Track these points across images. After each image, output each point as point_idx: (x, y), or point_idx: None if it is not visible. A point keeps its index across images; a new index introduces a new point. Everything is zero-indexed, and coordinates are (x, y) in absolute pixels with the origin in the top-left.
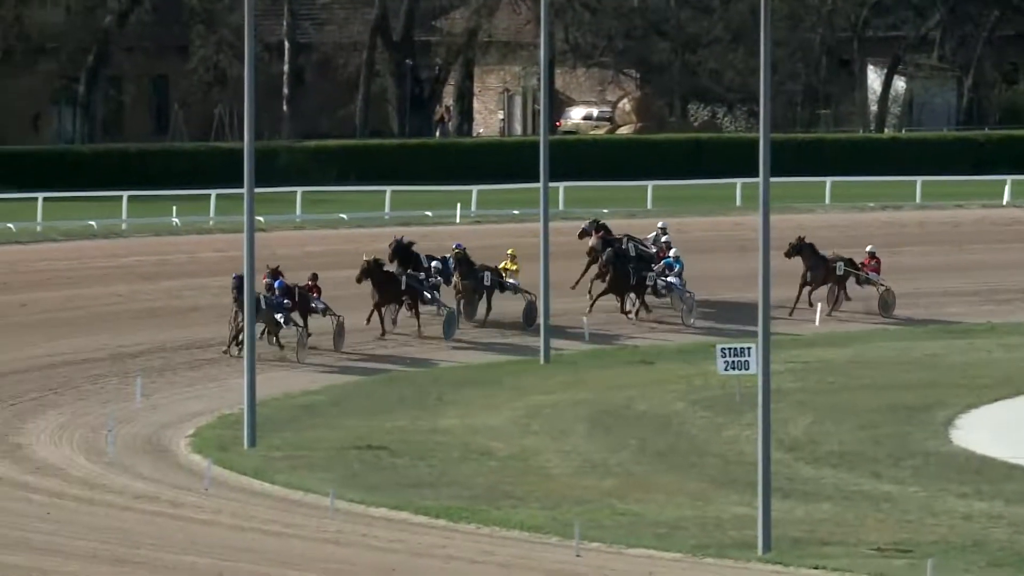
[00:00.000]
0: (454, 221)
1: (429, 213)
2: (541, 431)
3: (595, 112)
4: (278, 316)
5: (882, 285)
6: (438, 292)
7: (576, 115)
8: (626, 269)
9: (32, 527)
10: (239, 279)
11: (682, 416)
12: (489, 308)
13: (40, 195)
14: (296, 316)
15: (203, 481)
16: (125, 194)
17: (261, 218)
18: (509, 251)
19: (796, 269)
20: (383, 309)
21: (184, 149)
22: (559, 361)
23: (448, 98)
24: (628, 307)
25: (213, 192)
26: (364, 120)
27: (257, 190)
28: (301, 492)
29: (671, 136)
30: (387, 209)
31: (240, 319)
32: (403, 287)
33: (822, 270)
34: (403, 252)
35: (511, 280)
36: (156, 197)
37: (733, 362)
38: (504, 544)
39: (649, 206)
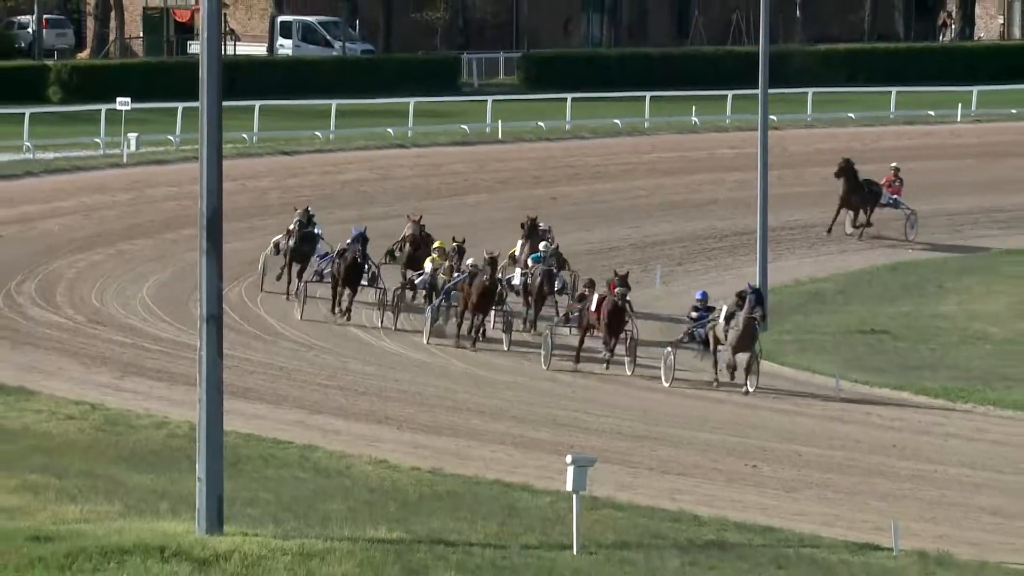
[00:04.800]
0: (955, 120)
1: (931, 112)
2: None
3: None
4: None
5: (905, 207)
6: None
7: None
8: None
9: (558, 405)
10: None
11: None
12: None
13: (568, 96)
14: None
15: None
16: (648, 94)
17: (774, 117)
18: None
19: None
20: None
21: (703, 53)
22: None
23: (951, 4)
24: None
25: (729, 93)
26: (872, 25)
27: (771, 91)
28: (808, 373)
29: None
30: (892, 109)
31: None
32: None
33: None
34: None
35: None
36: (676, 98)
37: None
38: (999, 423)
39: None
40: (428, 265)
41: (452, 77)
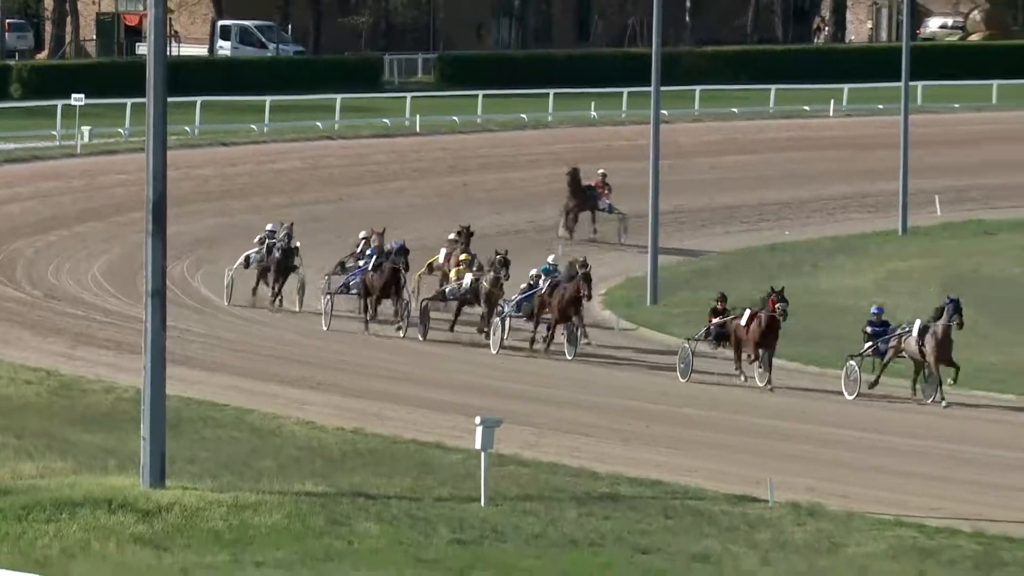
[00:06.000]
0: (828, 115)
1: (807, 108)
2: (898, 292)
3: (949, 21)
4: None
5: (618, 212)
6: None
7: (933, 24)
8: None
9: (478, 373)
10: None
11: (1020, 279)
12: None
13: (480, 92)
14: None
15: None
16: (551, 92)
17: (666, 112)
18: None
19: None
20: None
21: (602, 54)
22: (915, 233)
23: (825, 9)
24: None
25: (625, 90)
26: (754, 28)
27: (663, 88)
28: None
29: (1017, 42)
30: (771, 104)
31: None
32: None
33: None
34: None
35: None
36: (577, 95)
37: None
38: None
39: (994, 101)
40: (468, 277)
41: (375, 76)
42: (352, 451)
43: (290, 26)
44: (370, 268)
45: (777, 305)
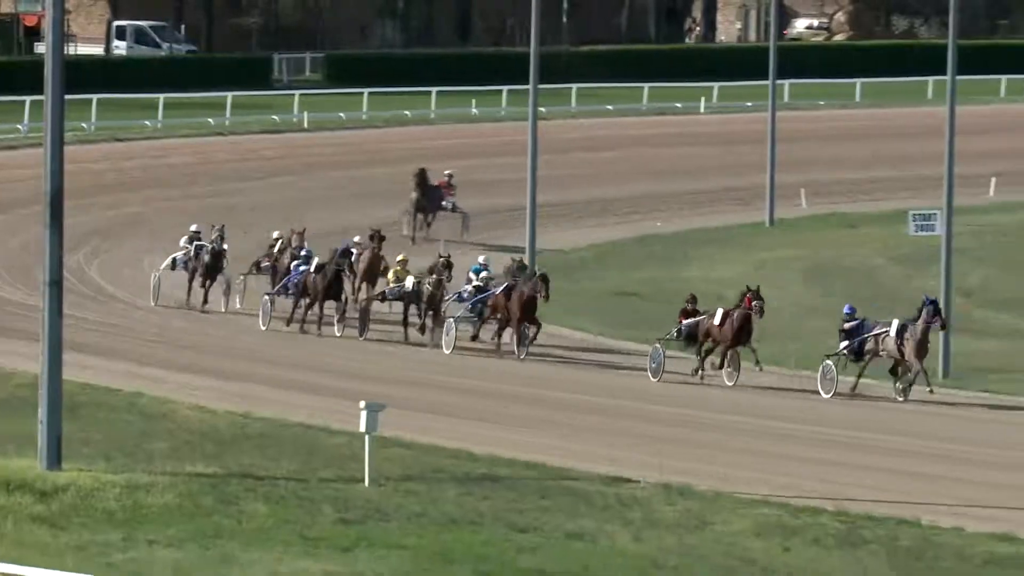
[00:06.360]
0: (699, 111)
1: (679, 105)
2: (766, 281)
3: (815, 22)
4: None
5: (461, 211)
6: None
7: (800, 25)
8: None
9: (357, 359)
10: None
11: (880, 269)
12: None
13: (365, 90)
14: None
15: None
16: (434, 90)
17: (543, 109)
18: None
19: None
20: None
21: (482, 53)
22: (781, 224)
23: (696, 10)
24: None
25: (504, 88)
26: (628, 28)
27: (540, 86)
28: (569, 330)
29: (878, 42)
30: (644, 101)
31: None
32: None
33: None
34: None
35: None
36: (458, 92)
37: (922, 225)
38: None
39: (857, 99)
40: (410, 279)
41: (264, 74)
42: (241, 434)
43: (183, 26)
44: (312, 270)
45: (754, 303)
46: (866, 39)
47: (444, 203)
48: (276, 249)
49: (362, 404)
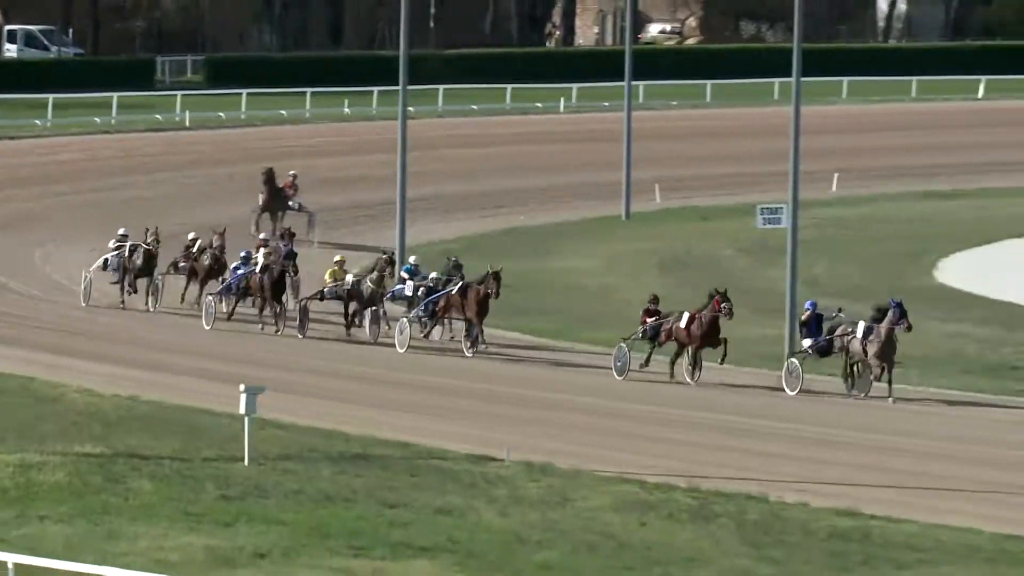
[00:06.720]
0: (559, 111)
1: (540, 105)
2: (622, 271)
3: (668, 27)
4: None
5: (307, 210)
6: None
7: (653, 29)
8: None
9: (246, 345)
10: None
11: (730, 260)
12: None
13: (244, 91)
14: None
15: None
16: (308, 90)
17: (412, 109)
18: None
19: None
20: None
21: (354, 56)
22: (636, 218)
23: (556, 16)
24: None
25: (376, 89)
26: (492, 32)
27: (410, 87)
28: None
29: (727, 46)
30: (508, 101)
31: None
32: None
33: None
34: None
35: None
36: (332, 93)
37: (769, 218)
38: (592, 358)
39: (708, 99)
40: (349, 277)
41: (148, 76)
42: (128, 416)
43: (71, 31)
44: (258, 271)
45: (722, 305)
46: (716, 43)
47: (291, 203)
48: (195, 249)
49: (242, 387)
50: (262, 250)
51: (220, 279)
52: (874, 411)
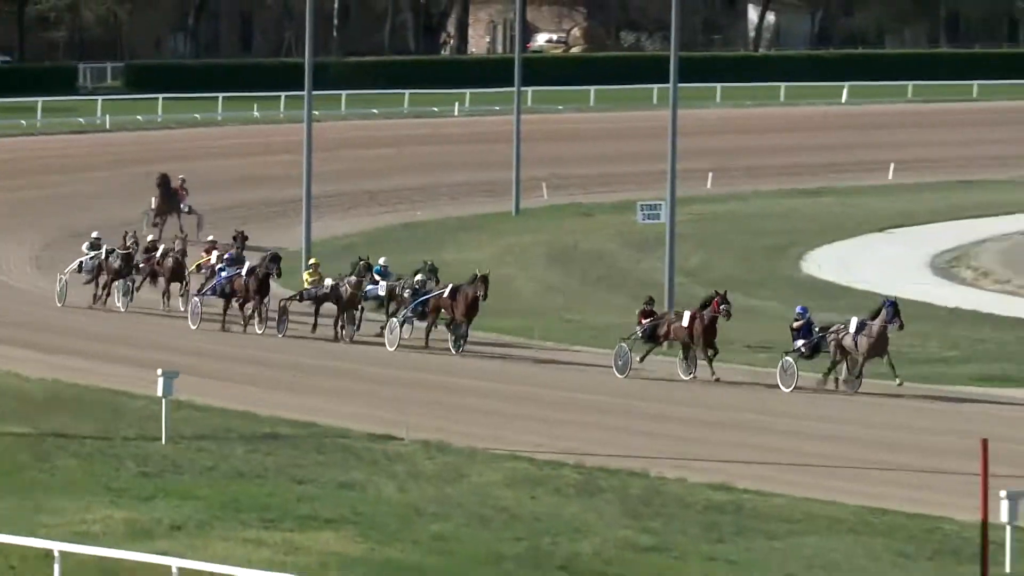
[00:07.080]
0: (453, 114)
1: (435, 108)
2: (512, 263)
3: (555, 37)
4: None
5: (196, 212)
6: None
7: (541, 39)
8: None
9: (167, 334)
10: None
11: (613, 253)
12: None
13: (160, 96)
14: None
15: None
16: (220, 95)
17: (317, 112)
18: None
19: None
20: None
21: (263, 63)
22: (525, 213)
23: (450, 26)
24: None
25: (283, 94)
26: (391, 41)
27: (314, 92)
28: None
29: (609, 54)
30: (406, 106)
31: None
32: None
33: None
34: None
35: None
36: (242, 98)
37: (649, 214)
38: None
39: (592, 103)
40: (328, 280)
41: (71, 81)
42: (53, 398)
43: None
44: (243, 273)
45: (721, 307)
46: (599, 51)
47: (182, 205)
48: (159, 253)
49: (159, 371)
50: (214, 252)
51: (183, 281)
52: (759, 394)
